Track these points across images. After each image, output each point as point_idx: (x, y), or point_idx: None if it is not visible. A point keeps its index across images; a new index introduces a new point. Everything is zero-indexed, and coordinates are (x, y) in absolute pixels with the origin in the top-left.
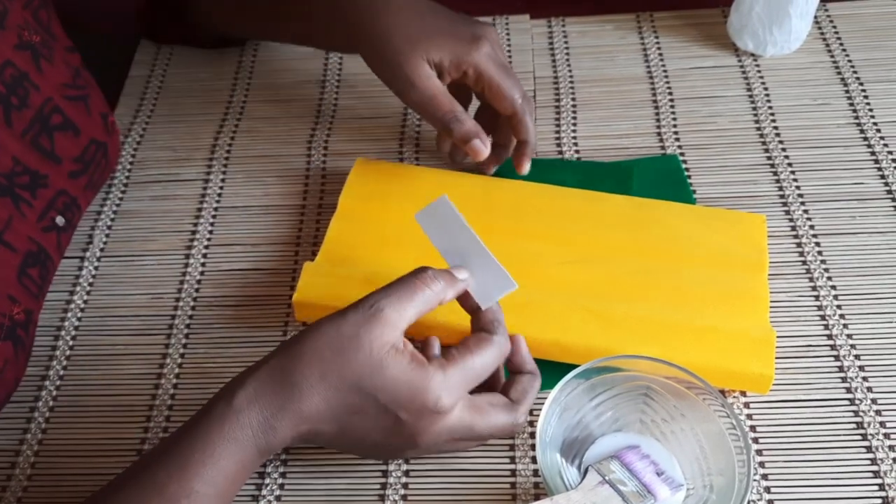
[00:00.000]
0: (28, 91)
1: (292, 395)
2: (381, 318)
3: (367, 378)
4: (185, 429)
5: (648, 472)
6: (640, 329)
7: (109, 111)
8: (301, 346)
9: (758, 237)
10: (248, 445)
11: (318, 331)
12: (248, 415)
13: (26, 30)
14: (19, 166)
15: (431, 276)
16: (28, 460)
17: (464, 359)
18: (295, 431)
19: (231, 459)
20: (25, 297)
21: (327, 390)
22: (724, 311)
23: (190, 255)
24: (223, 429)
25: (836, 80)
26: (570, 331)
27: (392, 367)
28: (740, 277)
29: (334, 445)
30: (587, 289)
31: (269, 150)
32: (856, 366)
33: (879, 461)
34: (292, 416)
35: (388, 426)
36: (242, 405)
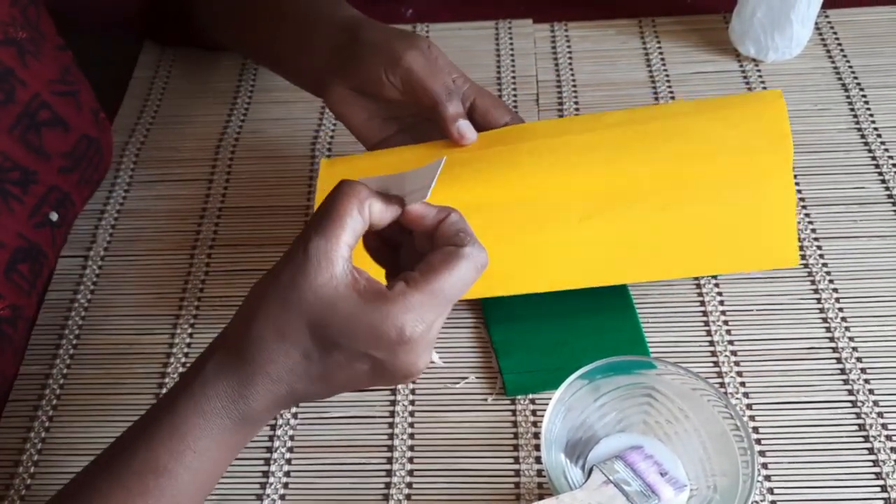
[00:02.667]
0: (14, 87)
1: (254, 358)
2: (313, 254)
3: (322, 324)
4: (155, 407)
5: (652, 473)
6: (665, 237)
7: (101, 107)
8: (248, 307)
9: (777, 115)
10: (219, 418)
11: (260, 289)
12: (213, 387)
13: (11, 26)
14: (8, 162)
15: (347, 191)
16: (31, 459)
17: (427, 280)
18: (272, 396)
19: (200, 434)
20: (13, 292)
21: (288, 348)
22: (747, 196)
23: (194, 255)
24: (189, 402)
25: (836, 86)
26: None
27: (343, 306)
28: (764, 162)
29: (323, 397)
30: (613, 238)
31: (274, 151)
32: (858, 368)
33: (881, 463)
34: (261, 380)
35: (368, 369)
36: (208, 377)
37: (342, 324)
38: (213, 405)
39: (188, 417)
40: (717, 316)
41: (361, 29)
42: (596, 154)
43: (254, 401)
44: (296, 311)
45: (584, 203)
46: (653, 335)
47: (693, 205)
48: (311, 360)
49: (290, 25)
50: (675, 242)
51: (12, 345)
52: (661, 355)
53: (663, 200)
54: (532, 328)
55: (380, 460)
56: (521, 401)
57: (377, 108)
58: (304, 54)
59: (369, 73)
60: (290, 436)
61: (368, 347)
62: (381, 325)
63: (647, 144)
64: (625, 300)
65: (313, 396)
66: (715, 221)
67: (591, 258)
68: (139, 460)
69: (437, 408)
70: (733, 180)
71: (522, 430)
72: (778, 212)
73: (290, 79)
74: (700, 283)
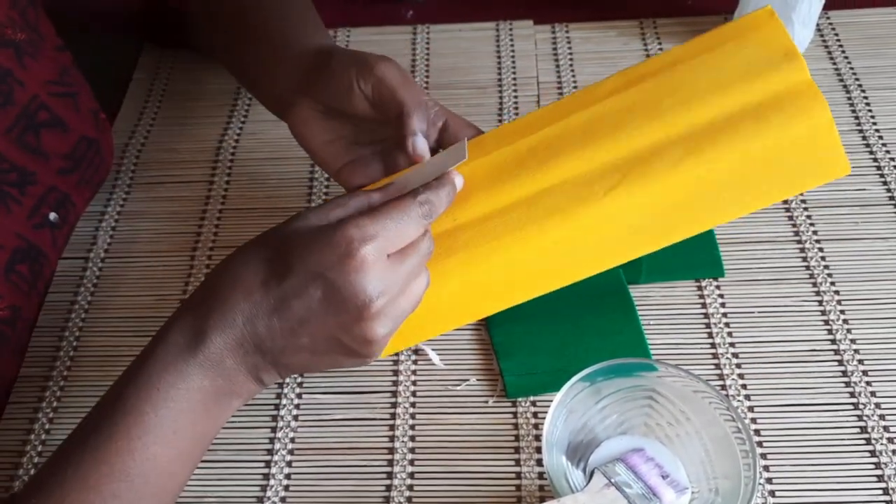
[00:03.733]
0: (12, 88)
1: (211, 304)
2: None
3: (285, 251)
4: (135, 359)
5: (653, 475)
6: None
7: (100, 108)
8: (220, 264)
9: (775, 32)
10: (182, 362)
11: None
12: (175, 334)
13: (10, 27)
14: (5, 163)
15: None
16: (31, 461)
17: (380, 211)
18: (230, 339)
19: (167, 376)
20: (12, 293)
21: (243, 287)
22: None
23: (194, 257)
24: (155, 349)
25: (838, 87)
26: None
27: (300, 227)
28: (781, 80)
29: (287, 351)
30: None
31: (274, 153)
32: (859, 370)
33: (883, 465)
34: (217, 322)
35: (320, 295)
36: (172, 326)
37: (298, 243)
38: (173, 349)
39: (151, 363)
40: (719, 318)
41: (335, 51)
42: (602, 126)
43: (211, 343)
44: (262, 242)
45: (605, 176)
46: (654, 337)
47: (717, 144)
48: (268, 288)
49: (266, 48)
50: (710, 187)
51: (11, 346)
52: (663, 357)
53: (686, 148)
54: (533, 330)
55: (380, 462)
56: (522, 403)
57: (342, 130)
58: (273, 80)
59: (340, 83)
60: (290, 438)
61: (319, 265)
62: (332, 236)
63: (652, 101)
64: (626, 302)
65: (276, 341)
66: (748, 153)
67: (626, 229)
68: (113, 406)
69: (437, 410)
70: (755, 107)
71: (523, 432)
72: (814, 122)
73: (261, 101)
74: (701, 284)
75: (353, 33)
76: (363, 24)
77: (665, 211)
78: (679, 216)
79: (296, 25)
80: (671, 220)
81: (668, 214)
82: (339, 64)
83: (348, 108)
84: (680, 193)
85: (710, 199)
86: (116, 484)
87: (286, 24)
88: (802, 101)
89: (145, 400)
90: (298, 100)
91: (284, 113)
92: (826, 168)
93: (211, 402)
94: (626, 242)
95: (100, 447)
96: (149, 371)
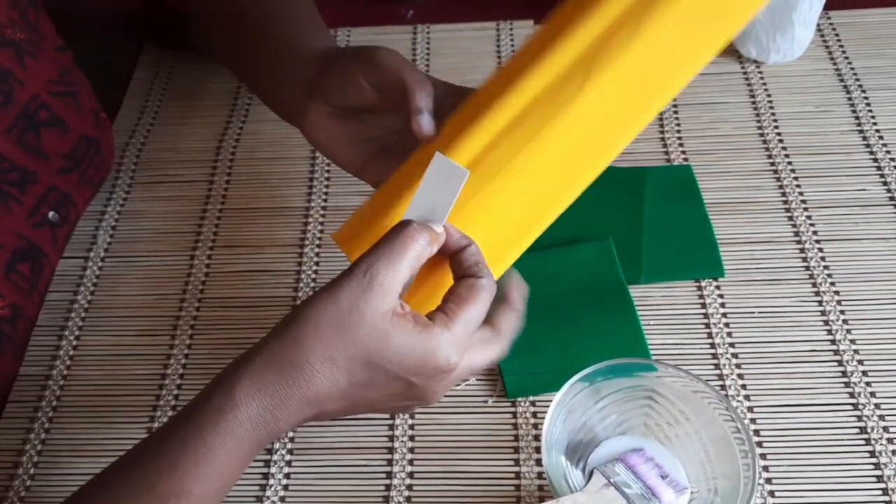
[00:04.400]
0: (12, 87)
1: (297, 381)
2: (378, 284)
3: (376, 351)
4: (179, 421)
5: (653, 475)
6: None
7: (101, 108)
8: (300, 327)
9: None
10: (246, 440)
11: (315, 308)
12: (246, 409)
13: (10, 27)
14: (6, 162)
15: (417, 230)
16: (31, 460)
17: (464, 312)
18: (300, 417)
19: (227, 456)
20: (12, 292)
21: (335, 371)
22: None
23: (194, 257)
24: (219, 426)
25: (838, 87)
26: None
27: (398, 336)
28: None
29: (341, 416)
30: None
31: (274, 152)
32: (859, 371)
33: (883, 465)
34: (297, 402)
35: (399, 392)
36: (240, 400)
37: (395, 350)
38: (244, 428)
39: (217, 441)
40: (718, 318)
41: (337, 52)
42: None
43: (284, 422)
44: (352, 335)
45: (571, 78)
46: (654, 337)
47: (656, 11)
48: (354, 383)
49: (270, 46)
50: (666, 51)
51: (12, 345)
52: (662, 358)
53: (631, 26)
54: (533, 330)
55: (380, 462)
56: (521, 403)
57: (357, 128)
58: (280, 80)
59: (346, 81)
60: (290, 437)
61: (413, 373)
62: (434, 353)
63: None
64: (626, 302)
65: (336, 416)
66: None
67: (609, 118)
68: (163, 484)
69: (437, 410)
70: None
71: (523, 432)
72: None
73: (264, 100)
74: (701, 284)
75: (354, 33)
76: (363, 23)
77: (636, 87)
78: (650, 86)
79: (297, 28)
80: (646, 93)
81: (639, 90)
82: (342, 61)
83: (358, 103)
84: (642, 65)
85: (671, 59)
86: None
87: (287, 25)
88: None
89: (199, 481)
90: (309, 106)
91: (297, 122)
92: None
93: (256, 453)
94: (616, 129)
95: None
96: (210, 450)
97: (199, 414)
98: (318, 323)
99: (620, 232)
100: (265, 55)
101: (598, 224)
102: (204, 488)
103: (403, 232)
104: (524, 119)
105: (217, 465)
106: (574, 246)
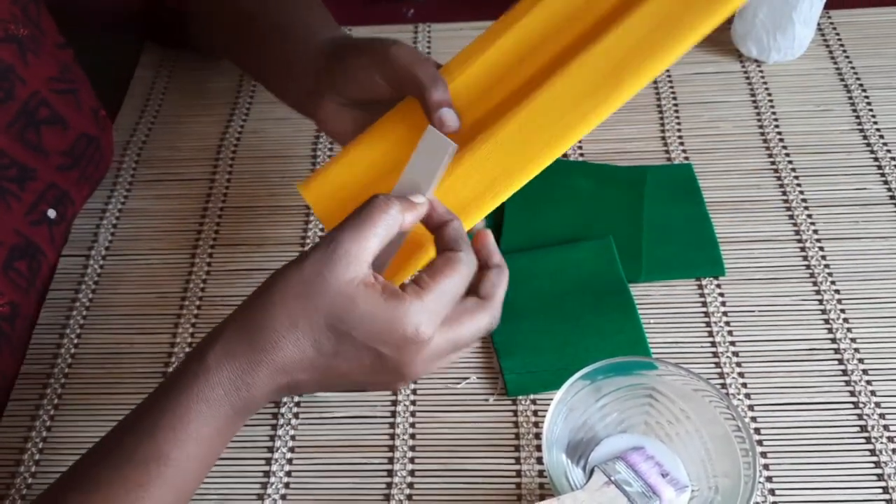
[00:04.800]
0: (13, 84)
1: (263, 347)
2: (342, 253)
3: (339, 317)
4: (156, 393)
5: (653, 474)
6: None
7: (101, 106)
8: (266, 296)
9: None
10: (220, 405)
11: (282, 277)
12: (217, 373)
13: (12, 23)
14: (6, 159)
15: (384, 201)
16: (33, 458)
17: (437, 283)
18: (273, 384)
19: (202, 422)
20: (11, 289)
21: (299, 337)
22: None
23: (195, 255)
24: (192, 390)
25: (839, 87)
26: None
27: (364, 302)
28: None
29: (318, 390)
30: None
31: (275, 151)
32: (859, 370)
33: (883, 464)
34: (266, 368)
35: (369, 363)
36: (212, 364)
37: (360, 317)
38: (216, 393)
39: (191, 405)
40: (719, 317)
41: (346, 43)
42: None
43: (256, 388)
44: (314, 302)
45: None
46: (654, 336)
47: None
48: (320, 351)
49: (276, 42)
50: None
51: (11, 343)
52: (663, 356)
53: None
54: (533, 328)
55: (381, 460)
56: (522, 401)
57: (370, 118)
58: (289, 76)
59: (358, 76)
60: (291, 435)
61: (379, 342)
62: (401, 321)
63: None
64: (626, 301)
65: (311, 388)
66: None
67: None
68: (141, 450)
69: (438, 408)
70: None
71: (524, 430)
72: None
73: (275, 94)
74: (702, 283)
75: (354, 32)
76: (364, 22)
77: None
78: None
79: (301, 23)
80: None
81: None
82: (353, 56)
83: (371, 96)
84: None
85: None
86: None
87: (291, 21)
88: None
89: (176, 444)
90: (321, 99)
91: (310, 114)
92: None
93: (231, 434)
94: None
95: (120, 493)
96: (185, 414)
97: (175, 380)
98: (284, 291)
99: (621, 230)
100: (270, 54)
101: (599, 223)
102: (181, 452)
103: (371, 203)
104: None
105: (192, 429)
106: (574, 244)
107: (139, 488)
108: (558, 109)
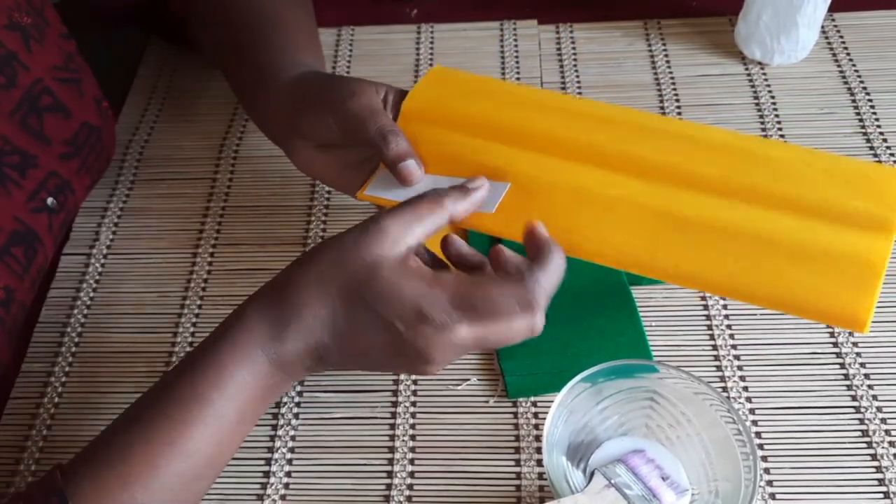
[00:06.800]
0: (17, 71)
1: (294, 303)
2: (382, 230)
3: (363, 285)
4: (200, 346)
5: (654, 477)
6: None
7: (103, 97)
8: (304, 258)
9: (890, 193)
10: (257, 355)
11: (322, 244)
12: (253, 324)
13: (17, 11)
14: (8, 145)
15: (436, 192)
16: (33, 456)
17: (477, 286)
18: (303, 344)
19: (240, 365)
20: (6, 274)
21: (325, 296)
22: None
23: (197, 254)
24: (228, 338)
25: (842, 90)
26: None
27: (387, 273)
28: (859, 236)
29: (343, 364)
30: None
31: (277, 150)
32: (861, 374)
33: (884, 469)
34: (296, 325)
35: (388, 340)
36: (250, 315)
37: (380, 287)
38: (251, 340)
39: (227, 351)
40: (721, 320)
41: (312, 85)
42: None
43: (288, 342)
44: (343, 267)
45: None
46: (655, 339)
47: (788, 213)
48: (345, 315)
49: (248, 71)
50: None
51: (5, 328)
52: (664, 359)
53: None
54: None
55: (381, 462)
56: (522, 403)
57: (347, 156)
58: (262, 114)
59: (319, 124)
60: (291, 436)
61: (395, 316)
62: (417, 299)
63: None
64: (628, 303)
65: (336, 359)
66: (800, 240)
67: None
68: (181, 391)
69: (438, 409)
70: (837, 213)
71: (524, 432)
72: (868, 263)
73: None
74: None
75: (357, 32)
76: (367, 22)
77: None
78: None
79: (278, 49)
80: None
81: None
82: (315, 102)
83: (336, 142)
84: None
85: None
86: (177, 463)
87: (263, 47)
88: (876, 240)
89: (215, 387)
90: (293, 143)
91: (286, 152)
92: (842, 307)
93: (270, 395)
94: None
95: (163, 428)
96: (222, 359)
97: (218, 333)
98: (320, 256)
99: None
100: (244, 74)
101: None
102: (220, 395)
103: (427, 195)
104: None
105: (230, 371)
106: None
107: (180, 424)
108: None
